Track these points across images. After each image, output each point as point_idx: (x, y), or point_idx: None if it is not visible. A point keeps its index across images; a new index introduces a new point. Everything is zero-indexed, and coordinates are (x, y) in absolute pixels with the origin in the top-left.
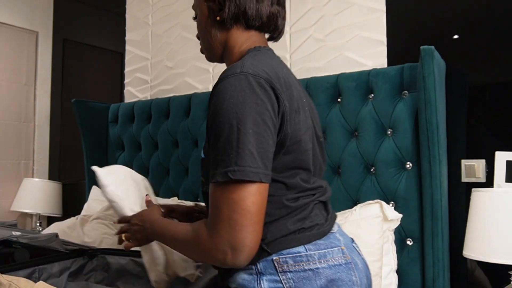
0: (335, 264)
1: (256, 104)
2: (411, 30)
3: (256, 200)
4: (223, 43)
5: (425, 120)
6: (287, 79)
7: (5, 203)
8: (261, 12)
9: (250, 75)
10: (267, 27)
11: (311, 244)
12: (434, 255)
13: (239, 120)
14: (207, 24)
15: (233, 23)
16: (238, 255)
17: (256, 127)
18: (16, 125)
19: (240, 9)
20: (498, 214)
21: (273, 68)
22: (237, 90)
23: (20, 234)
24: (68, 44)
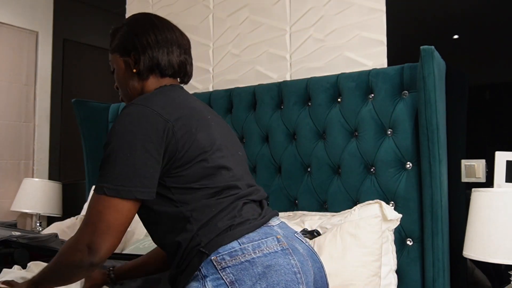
0: (270, 251)
1: (139, 132)
2: (411, 30)
3: (120, 217)
4: (139, 91)
5: (425, 120)
6: (184, 103)
7: (5, 203)
8: (172, 62)
9: (144, 106)
10: (178, 73)
11: (244, 238)
12: (434, 255)
13: (121, 144)
14: (125, 77)
15: (149, 73)
16: (92, 255)
17: (134, 152)
18: (16, 125)
19: (153, 61)
20: (498, 214)
21: (167, 97)
22: (128, 118)
23: (20, 234)
24: (68, 44)
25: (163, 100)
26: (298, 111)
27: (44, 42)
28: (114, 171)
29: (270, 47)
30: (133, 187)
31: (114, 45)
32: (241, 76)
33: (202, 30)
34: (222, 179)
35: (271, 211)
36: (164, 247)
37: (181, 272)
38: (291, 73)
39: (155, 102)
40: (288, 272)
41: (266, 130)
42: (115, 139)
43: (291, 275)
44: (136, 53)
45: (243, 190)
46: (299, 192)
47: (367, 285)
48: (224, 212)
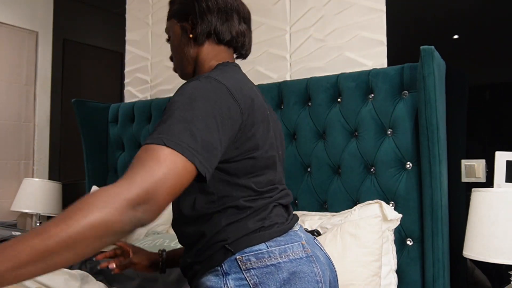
0: (296, 258)
1: (214, 101)
2: (411, 30)
3: (181, 173)
4: (194, 58)
5: (425, 120)
6: (249, 93)
7: (5, 203)
8: (230, 28)
9: (214, 80)
10: (235, 42)
11: (272, 241)
12: (434, 255)
13: (192, 105)
14: (181, 43)
15: (205, 38)
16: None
17: (207, 118)
18: (16, 125)
19: (211, 26)
20: (498, 214)
21: (237, 81)
22: (200, 85)
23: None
24: (68, 44)
25: (235, 82)
26: (298, 111)
27: (44, 42)
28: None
29: (270, 47)
30: (198, 154)
31: (173, 10)
32: None
33: None
34: (265, 179)
35: (296, 217)
36: (183, 235)
37: (199, 262)
38: (291, 73)
39: (229, 82)
40: (311, 281)
41: None
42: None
43: (313, 284)
44: (194, 17)
45: (278, 193)
46: (299, 192)
47: (367, 285)
48: (256, 212)
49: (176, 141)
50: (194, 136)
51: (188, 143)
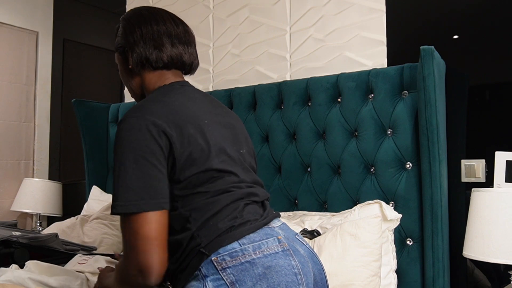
0: (271, 252)
1: (139, 145)
2: (411, 30)
3: (153, 226)
4: (139, 85)
5: (425, 120)
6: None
7: (5, 203)
8: (161, 55)
9: (141, 118)
10: (172, 65)
11: (244, 239)
12: (434, 255)
13: (123, 159)
14: (124, 74)
15: (140, 68)
16: (146, 276)
17: (136, 164)
18: (16, 125)
19: (141, 56)
20: (498, 214)
21: (164, 104)
22: (126, 133)
23: (20, 234)
24: (68, 44)
25: (159, 108)
26: (298, 111)
27: (44, 42)
28: (121, 187)
29: (270, 47)
30: (140, 200)
31: (115, 43)
32: (241, 76)
33: (202, 30)
34: (223, 182)
35: (273, 213)
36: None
37: (181, 270)
38: (291, 73)
39: (150, 111)
40: (288, 273)
41: (266, 130)
42: (117, 157)
43: (291, 276)
44: (127, 50)
45: (244, 190)
46: (299, 192)
47: (367, 285)
48: (225, 212)
49: (124, 204)
50: (133, 189)
51: (133, 198)
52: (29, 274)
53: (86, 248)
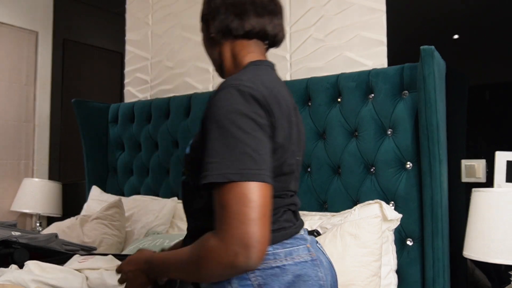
0: (301, 261)
1: (251, 111)
2: (411, 30)
3: (263, 194)
4: (222, 57)
5: (425, 120)
6: (278, 96)
7: (5, 203)
8: (243, 23)
9: (244, 87)
10: (255, 35)
11: (278, 244)
12: (434, 255)
13: (235, 125)
14: (207, 44)
15: (221, 37)
16: (250, 252)
17: (253, 131)
18: (16, 125)
19: (222, 25)
20: (498, 214)
21: (267, 84)
22: (232, 98)
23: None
24: (68, 44)
25: (263, 88)
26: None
27: (44, 42)
28: (232, 154)
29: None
30: (259, 170)
31: (201, 12)
32: None
33: None
34: (280, 185)
35: (302, 222)
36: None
37: None
38: (291, 73)
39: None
40: (315, 284)
41: None
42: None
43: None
44: (209, 18)
45: (288, 199)
46: (299, 192)
47: (367, 285)
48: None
49: (239, 172)
50: (252, 157)
51: (251, 167)
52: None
53: (86, 248)
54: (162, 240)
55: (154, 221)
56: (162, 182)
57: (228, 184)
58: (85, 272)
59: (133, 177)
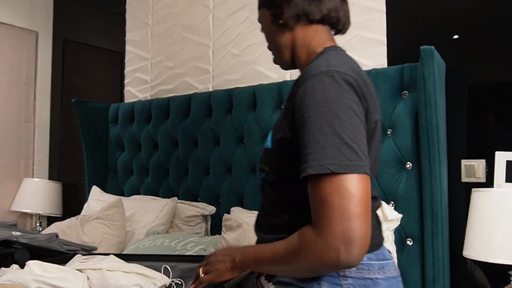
0: (390, 276)
1: (347, 98)
2: (411, 30)
3: (364, 188)
4: (291, 44)
5: (425, 120)
6: (366, 79)
7: (5, 203)
8: (319, 6)
9: (336, 72)
10: (328, 19)
11: (372, 254)
12: (434, 255)
13: (333, 114)
14: (273, 31)
15: (295, 22)
16: (352, 249)
17: (352, 120)
18: (16, 125)
19: (298, 7)
20: (498, 214)
21: (355, 68)
22: (327, 86)
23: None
24: (68, 44)
25: (354, 72)
26: None
27: (44, 42)
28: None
29: None
30: (361, 160)
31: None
32: (241, 76)
33: (202, 30)
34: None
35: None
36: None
37: None
38: (291, 73)
39: (351, 74)
40: None
41: (266, 130)
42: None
43: None
44: (280, 2)
45: (378, 202)
46: None
47: None
48: None
49: (341, 163)
50: (352, 148)
51: (351, 158)
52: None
53: (86, 248)
54: (162, 240)
55: (154, 221)
56: (162, 182)
57: (328, 176)
58: (86, 272)
59: (133, 177)
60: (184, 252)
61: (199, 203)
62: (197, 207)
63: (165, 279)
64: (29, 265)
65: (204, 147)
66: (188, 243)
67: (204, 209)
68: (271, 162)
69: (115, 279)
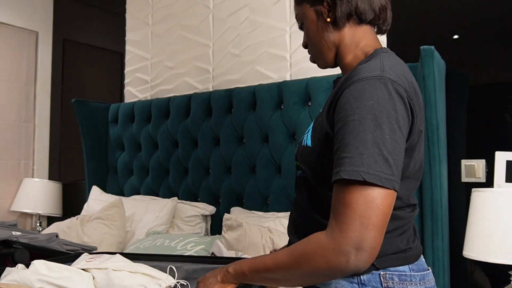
0: (429, 286)
1: (394, 110)
2: (411, 30)
3: (389, 203)
4: (336, 44)
5: (425, 120)
6: (415, 86)
7: (5, 203)
8: (373, 5)
9: (389, 81)
10: (378, 19)
11: (414, 265)
12: (434, 255)
13: (377, 123)
14: (317, 29)
15: (345, 21)
16: (362, 256)
17: (393, 134)
18: (16, 125)
19: (351, 5)
20: (498, 214)
21: (406, 75)
22: (377, 93)
23: (20, 234)
24: (68, 44)
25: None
26: (298, 111)
27: (44, 42)
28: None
29: (270, 47)
30: (392, 175)
31: None
32: (241, 76)
33: (202, 30)
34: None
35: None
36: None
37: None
38: (291, 73)
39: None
40: None
41: (266, 130)
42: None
43: None
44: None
45: (412, 211)
46: None
47: None
48: (408, 232)
49: (375, 173)
50: (388, 161)
51: (384, 171)
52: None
53: (86, 248)
54: (162, 240)
55: (154, 221)
56: (162, 182)
57: (359, 183)
58: (92, 272)
59: (133, 177)
60: (184, 252)
61: (199, 203)
62: (197, 207)
63: (170, 280)
64: (34, 265)
65: (204, 147)
66: (188, 243)
67: (204, 209)
68: (310, 160)
69: (119, 279)
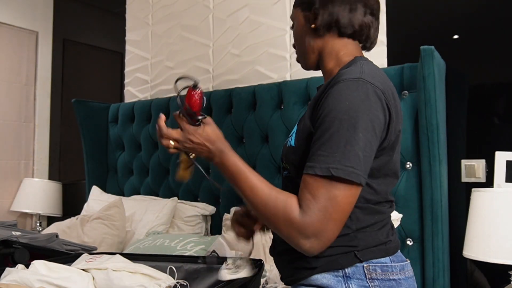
0: (408, 276)
1: (369, 110)
2: (411, 30)
3: (352, 201)
4: (318, 50)
5: (425, 120)
6: (393, 91)
7: (5, 203)
8: (353, 21)
9: (367, 83)
10: (359, 35)
11: (394, 256)
12: (434, 255)
13: (351, 122)
14: (303, 32)
15: (326, 31)
16: (318, 244)
17: (366, 133)
18: (16, 125)
19: (333, 17)
20: (498, 214)
21: (384, 79)
22: (354, 94)
23: (20, 234)
24: (68, 44)
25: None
26: (298, 111)
27: (44, 42)
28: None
29: (270, 47)
30: (359, 171)
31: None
32: (241, 76)
33: (202, 30)
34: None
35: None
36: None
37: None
38: (291, 73)
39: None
40: None
41: (266, 130)
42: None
43: None
44: (316, 8)
45: (390, 207)
46: None
47: None
48: (383, 223)
49: (343, 168)
50: (358, 157)
51: (354, 166)
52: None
53: (86, 248)
54: (162, 240)
55: (154, 221)
56: (162, 182)
57: (327, 177)
58: (92, 272)
59: (133, 177)
60: (184, 252)
61: (199, 203)
62: (197, 207)
63: (170, 280)
64: (34, 265)
65: None
66: (188, 243)
67: (204, 209)
68: (294, 159)
69: (119, 280)
